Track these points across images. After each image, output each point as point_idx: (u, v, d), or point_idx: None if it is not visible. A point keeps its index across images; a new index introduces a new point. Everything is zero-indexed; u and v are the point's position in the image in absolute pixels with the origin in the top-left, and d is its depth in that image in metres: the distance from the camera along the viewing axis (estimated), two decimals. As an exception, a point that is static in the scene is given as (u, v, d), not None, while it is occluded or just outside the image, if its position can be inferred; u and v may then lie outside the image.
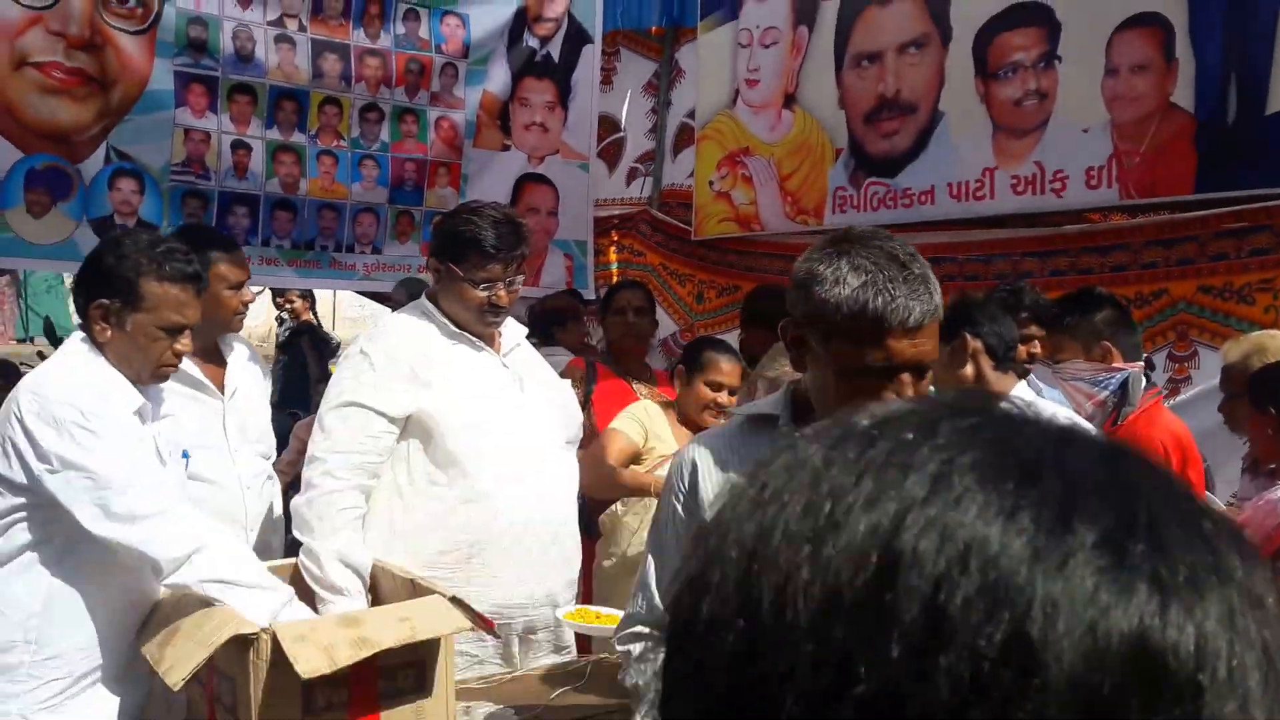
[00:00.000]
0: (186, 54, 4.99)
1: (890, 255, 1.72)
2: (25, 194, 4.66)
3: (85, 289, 2.72)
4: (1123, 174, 4.24)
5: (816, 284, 1.73)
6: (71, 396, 2.58)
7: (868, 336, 1.70)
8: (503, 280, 3.11)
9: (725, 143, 6.07)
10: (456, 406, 3.06)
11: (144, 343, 2.68)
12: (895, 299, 1.68)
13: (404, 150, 5.70)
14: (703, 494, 1.90)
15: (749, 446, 1.92)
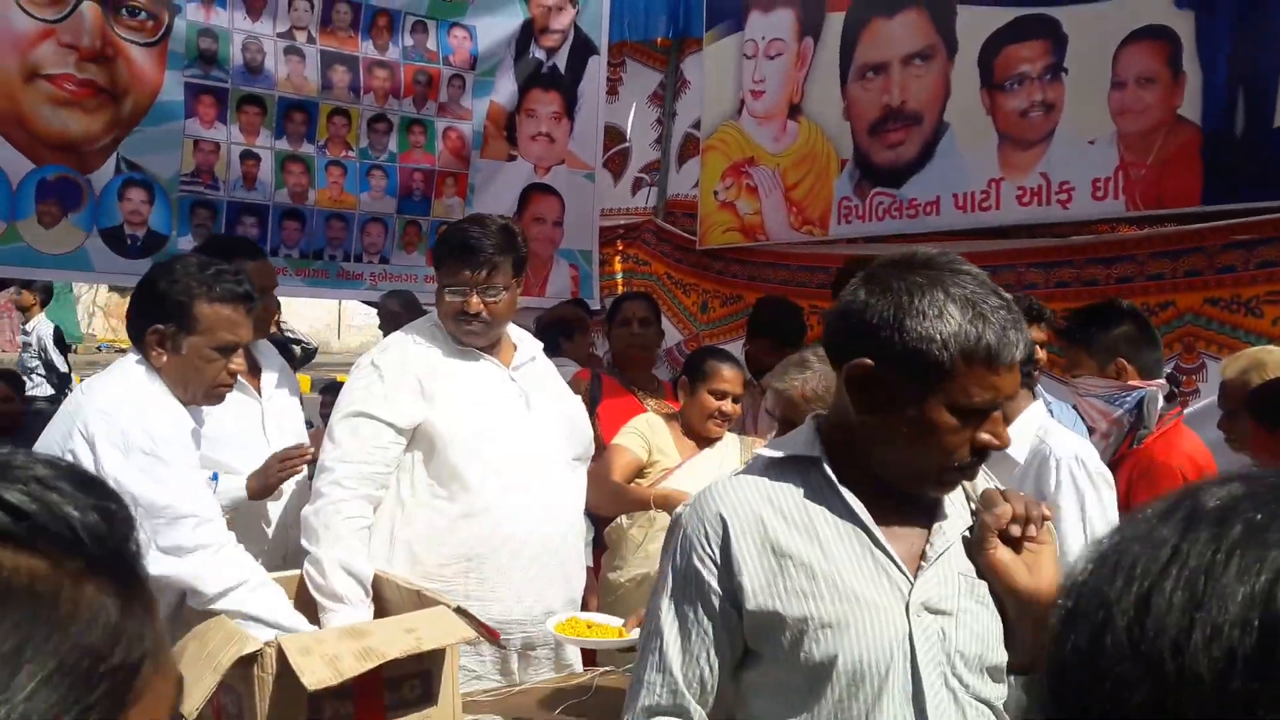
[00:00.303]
0: (197, 65, 5.02)
1: (983, 282, 1.58)
2: (36, 204, 4.68)
3: (140, 315, 2.76)
4: (1129, 186, 4.24)
5: (911, 318, 1.53)
6: (144, 421, 2.62)
7: (976, 374, 1.54)
8: (472, 286, 3.09)
9: (730, 153, 6.08)
10: (458, 420, 3.06)
11: (200, 364, 2.73)
12: (1006, 331, 1.53)
13: (412, 160, 5.73)
14: (739, 556, 1.63)
15: (786, 495, 1.67)
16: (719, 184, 6.14)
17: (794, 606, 1.60)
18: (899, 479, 1.65)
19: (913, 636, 1.60)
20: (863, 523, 1.63)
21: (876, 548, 1.63)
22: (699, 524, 1.69)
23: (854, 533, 1.63)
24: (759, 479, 1.71)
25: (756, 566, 1.62)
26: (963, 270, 1.58)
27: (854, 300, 1.61)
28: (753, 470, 1.74)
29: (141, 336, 2.75)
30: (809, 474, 1.69)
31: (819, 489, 1.66)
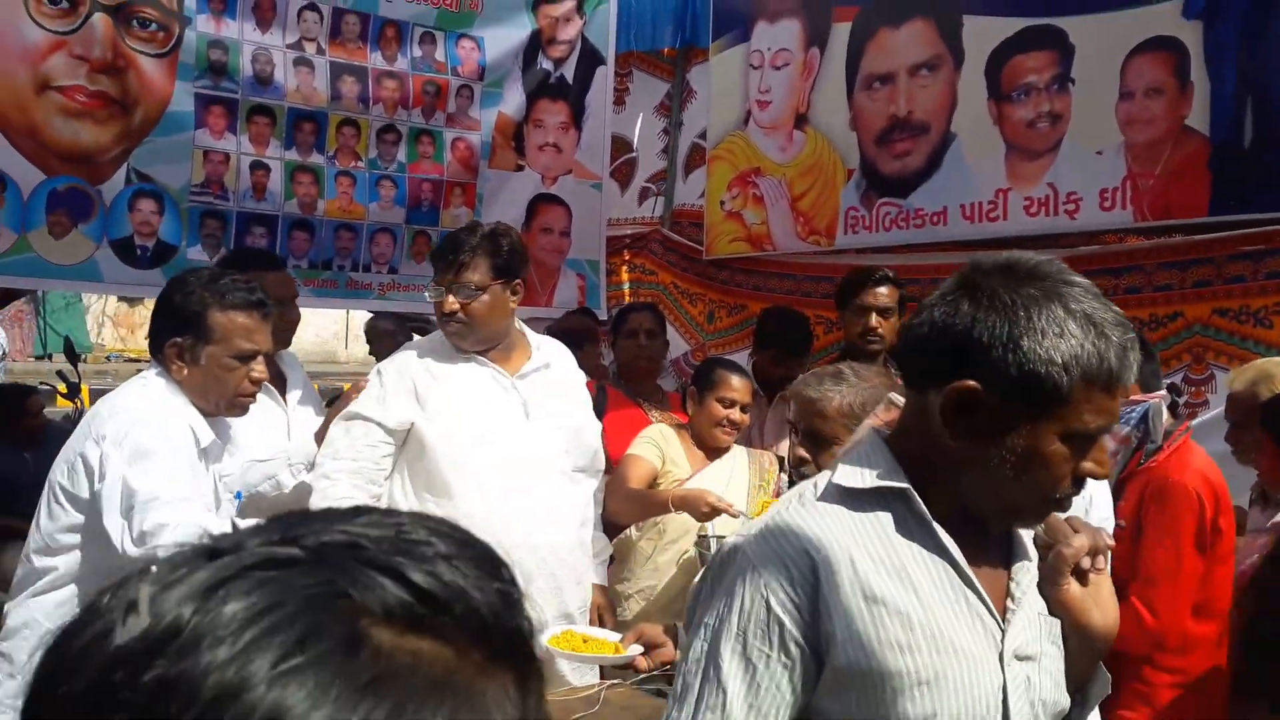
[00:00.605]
0: (207, 76, 5.03)
1: (1096, 294, 1.42)
2: (47, 215, 4.69)
3: (159, 330, 2.79)
4: (1137, 196, 4.25)
5: (1029, 337, 1.36)
6: (155, 426, 2.65)
7: (1096, 398, 1.38)
8: (446, 286, 3.18)
9: (737, 163, 6.10)
10: (446, 425, 3.12)
11: (219, 373, 2.75)
12: (1126, 352, 1.39)
13: (421, 171, 5.74)
14: (829, 600, 1.43)
15: (871, 531, 1.48)
16: (725, 194, 6.15)
17: (890, 660, 1.41)
18: (991, 513, 1.50)
19: (1006, 688, 1.47)
20: (956, 563, 1.48)
21: (970, 590, 1.48)
22: (777, 561, 1.45)
23: (946, 574, 1.47)
24: (840, 510, 1.50)
25: (848, 613, 1.43)
26: (1075, 281, 1.42)
27: (955, 314, 1.43)
28: (829, 499, 1.52)
29: (159, 354, 2.77)
30: (894, 506, 1.49)
31: (906, 524, 1.49)
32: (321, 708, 0.55)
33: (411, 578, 0.62)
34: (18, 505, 5.54)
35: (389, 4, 5.53)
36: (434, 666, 0.60)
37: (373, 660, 0.58)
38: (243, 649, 0.56)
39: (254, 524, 0.67)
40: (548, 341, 3.46)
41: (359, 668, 0.57)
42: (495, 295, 3.21)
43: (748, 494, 3.88)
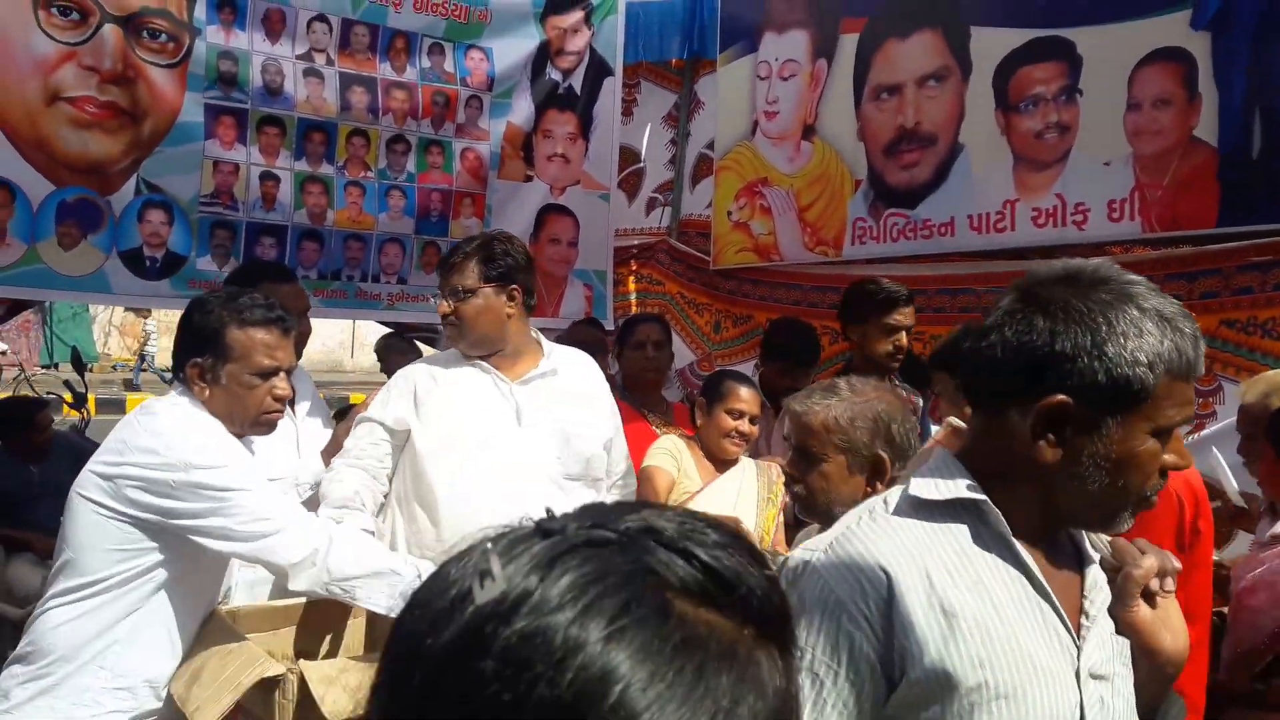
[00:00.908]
0: (217, 87, 5.06)
1: (1156, 290, 1.44)
2: (56, 226, 4.71)
3: (181, 352, 2.79)
4: (1145, 207, 4.25)
5: (1113, 342, 1.38)
6: (193, 431, 2.67)
7: (1178, 390, 1.41)
8: (442, 291, 3.30)
9: (744, 173, 6.10)
10: (438, 430, 3.18)
11: (240, 392, 2.74)
12: (1197, 341, 1.42)
13: (430, 181, 5.75)
14: (906, 615, 1.41)
15: (946, 543, 1.48)
16: (733, 204, 6.16)
17: (969, 674, 1.40)
18: (1089, 519, 1.51)
19: (1083, 706, 1.46)
20: (1034, 577, 1.47)
21: (1047, 604, 1.47)
22: (850, 576, 1.44)
23: (1023, 588, 1.47)
24: (914, 523, 1.50)
25: (924, 628, 1.41)
26: (1135, 280, 1.44)
27: (1030, 330, 1.43)
28: (903, 513, 1.51)
29: (181, 376, 2.78)
30: (968, 520, 1.49)
31: (982, 537, 1.49)
32: (644, 664, 0.67)
33: (702, 558, 0.73)
34: (24, 517, 5.56)
35: (397, 15, 5.55)
36: (723, 636, 0.71)
37: (678, 626, 0.69)
38: (580, 612, 0.69)
39: (569, 510, 0.80)
40: (565, 351, 3.47)
41: (669, 632, 0.69)
42: (487, 299, 3.27)
43: (757, 506, 3.88)
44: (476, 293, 3.25)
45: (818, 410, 2.47)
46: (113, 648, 2.62)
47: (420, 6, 5.62)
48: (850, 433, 2.43)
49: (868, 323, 4.17)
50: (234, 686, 2.36)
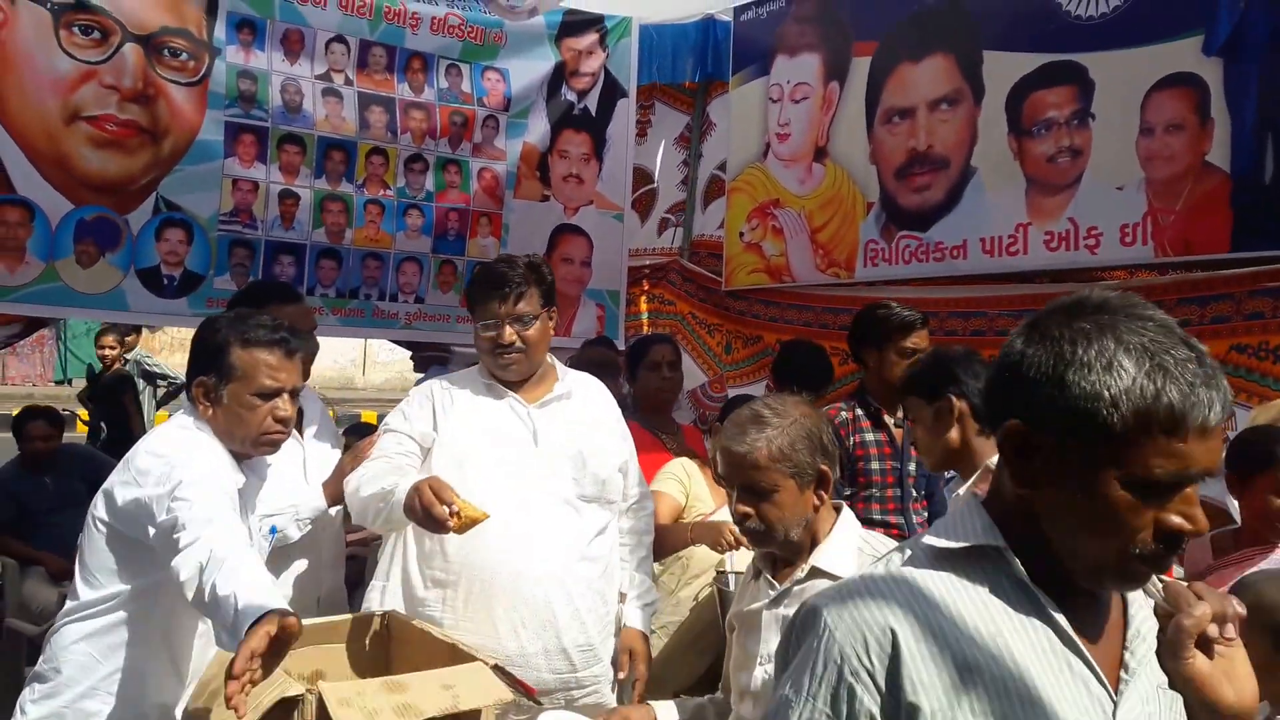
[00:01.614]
0: (237, 105, 5.11)
1: (1169, 329, 1.29)
2: (74, 245, 4.76)
3: (189, 372, 2.81)
4: (1157, 232, 4.26)
5: (1074, 371, 1.28)
6: (177, 445, 2.67)
7: (1157, 440, 1.26)
8: (503, 318, 3.17)
9: (756, 195, 6.13)
10: (447, 449, 3.15)
11: (242, 412, 2.73)
12: (1195, 389, 1.25)
13: (447, 200, 5.79)
14: (912, 673, 1.33)
15: (964, 596, 1.39)
16: (745, 225, 6.18)
17: None
18: (1074, 570, 1.37)
19: None
20: (1060, 628, 1.36)
21: (1075, 656, 1.36)
22: (855, 631, 1.36)
23: (1048, 640, 1.36)
24: (928, 574, 1.40)
25: (935, 685, 1.34)
26: (1142, 314, 1.31)
27: (1009, 351, 1.37)
28: (918, 563, 1.43)
29: (189, 395, 2.80)
30: (988, 569, 1.39)
31: (1002, 587, 1.39)
32: None
33: None
34: (37, 530, 5.60)
35: (415, 37, 5.61)
36: None
37: None
38: None
39: None
40: (577, 375, 3.47)
41: None
42: (544, 323, 3.25)
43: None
44: (539, 318, 3.22)
45: (760, 445, 2.43)
46: (118, 675, 2.62)
47: (437, 28, 5.67)
48: (794, 456, 2.43)
49: (883, 348, 4.15)
50: (254, 706, 2.36)
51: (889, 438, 4.07)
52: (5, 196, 4.62)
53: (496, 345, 3.19)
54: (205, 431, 2.75)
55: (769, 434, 2.44)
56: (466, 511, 2.73)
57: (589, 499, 3.25)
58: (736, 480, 2.49)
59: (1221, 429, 1.29)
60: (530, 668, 3.04)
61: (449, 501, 2.72)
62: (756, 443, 2.44)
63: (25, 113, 4.62)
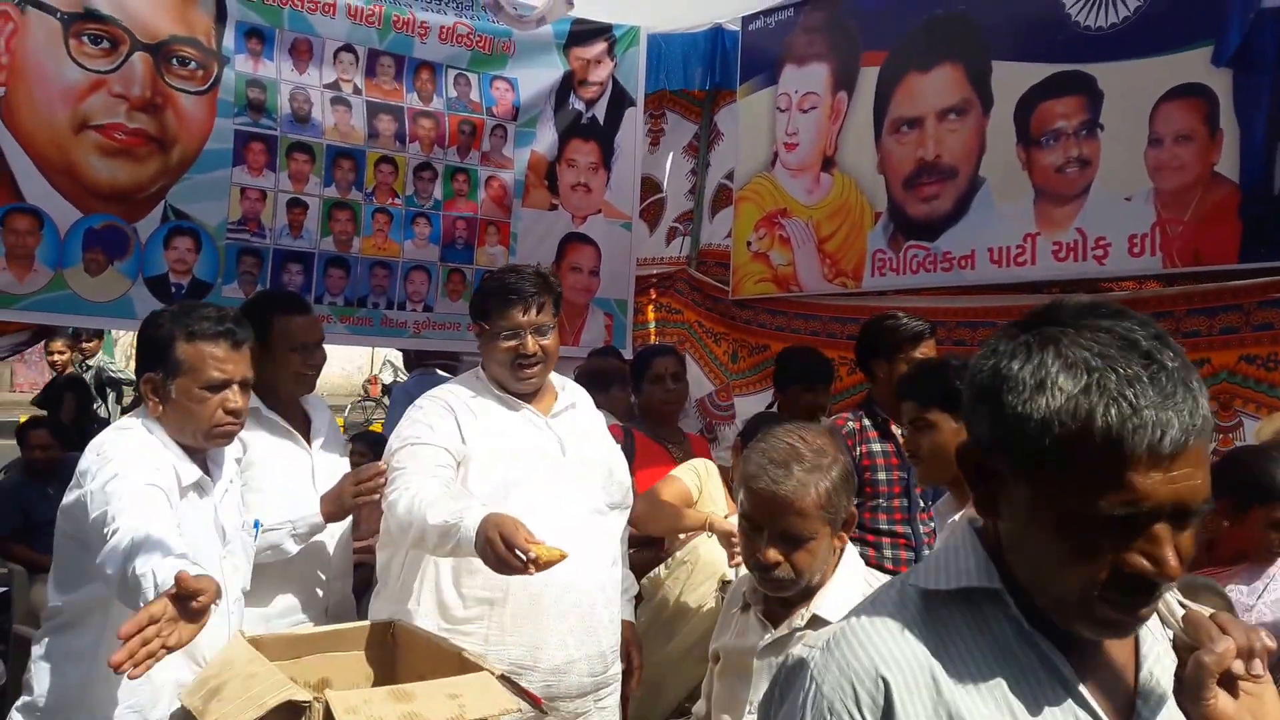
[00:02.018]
0: (246, 114, 5.12)
1: (1126, 340, 1.14)
2: (83, 253, 4.77)
3: (137, 368, 2.80)
4: (1166, 242, 4.24)
5: (1008, 390, 1.16)
6: (111, 443, 2.66)
7: (1096, 470, 1.11)
8: (525, 327, 3.15)
9: (763, 204, 6.12)
10: (487, 466, 3.10)
11: (192, 406, 2.72)
12: (1139, 409, 1.09)
13: (455, 209, 5.81)
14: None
15: (958, 641, 1.25)
16: (752, 234, 6.18)
17: None
18: (1044, 607, 1.23)
19: None
20: (1062, 675, 1.23)
21: (1081, 708, 1.22)
22: (844, 683, 1.24)
23: (1049, 685, 1.23)
24: (919, 619, 1.27)
25: None
26: (1099, 324, 1.17)
27: (973, 365, 1.26)
28: (907, 607, 1.29)
29: (138, 391, 2.79)
30: (984, 610, 1.26)
31: (1000, 628, 1.25)
32: None
33: None
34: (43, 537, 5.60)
35: (423, 46, 5.62)
36: None
37: None
38: None
39: None
40: (572, 384, 3.48)
41: None
42: (556, 332, 3.26)
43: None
44: (554, 328, 3.23)
45: (808, 491, 2.26)
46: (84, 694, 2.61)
47: (445, 37, 5.69)
48: (836, 501, 2.32)
49: (892, 359, 4.14)
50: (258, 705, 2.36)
51: (896, 448, 4.07)
52: (14, 205, 4.63)
53: (519, 356, 3.16)
54: (154, 429, 2.74)
55: (815, 477, 2.28)
56: (544, 556, 2.63)
57: (614, 506, 3.27)
58: (774, 524, 2.30)
59: (1196, 454, 1.12)
60: (574, 674, 3.06)
61: (524, 549, 2.61)
62: (805, 486, 2.27)
63: (35, 121, 4.64)
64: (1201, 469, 1.13)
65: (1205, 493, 1.13)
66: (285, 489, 3.36)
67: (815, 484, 2.28)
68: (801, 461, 2.30)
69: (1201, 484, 1.13)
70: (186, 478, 2.72)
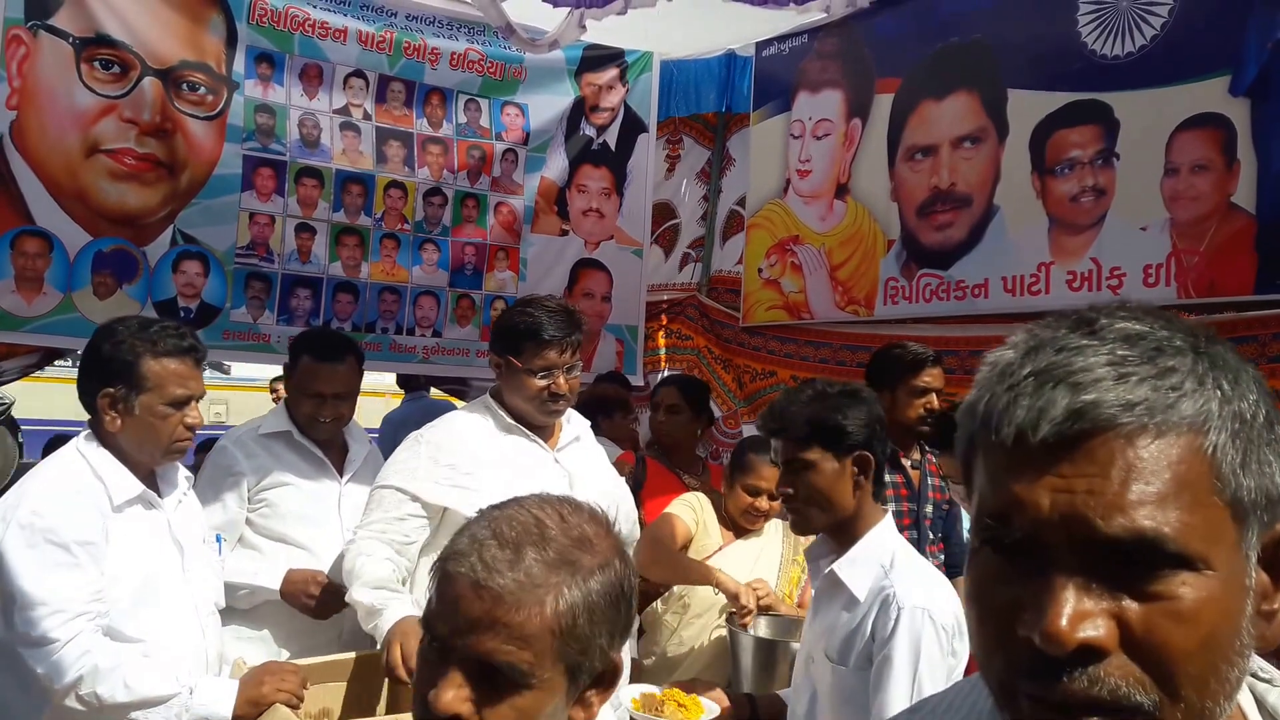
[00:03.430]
0: (255, 139, 5.12)
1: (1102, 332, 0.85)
2: (92, 276, 4.77)
3: (89, 381, 2.74)
4: (1181, 273, 4.20)
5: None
6: (39, 501, 2.61)
7: (981, 476, 0.87)
8: (560, 367, 3.14)
9: (775, 231, 6.09)
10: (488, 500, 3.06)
11: (155, 422, 2.72)
12: (1021, 381, 0.83)
13: (464, 234, 5.80)
14: None
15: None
16: (764, 262, 6.15)
17: None
18: None
19: None
20: None
21: None
22: None
23: None
24: None
25: None
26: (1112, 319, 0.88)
27: None
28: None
29: (93, 403, 2.74)
30: None
31: None
32: None
33: None
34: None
35: (434, 72, 5.62)
36: None
37: None
38: None
39: None
40: (573, 413, 3.45)
41: None
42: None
43: (780, 567, 3.84)
44: (580, 364, 3.25)
45: (536, 592, 1.32)
46: None
47: (456, 63, 5.69)
48: (583, 632, 1.35)
49: (896, 387, 4.11)
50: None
51: (905, 479, 4.02)
52: (25, 228, 4.63)
53: (552, 394, 3.16)
54: (89, 449, 2.72)
55: (559, 580, 1.36)
56: None
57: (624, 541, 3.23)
58: (465, 643, 1.32)
59: (1111, 451, 0.80)
60: None
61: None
62: (534, 589, 1.34)
63: (46, 145, 4.65)
64: (1130, 476, 0.79)
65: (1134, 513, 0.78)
66: (306, 516, 3.39)
67: (555, 591, 1.34)
68: (543, 548, 1.38)
69: (1122, 498, 0.78)
70: (122, 494, 2.70)
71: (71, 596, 2.55)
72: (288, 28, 5.21)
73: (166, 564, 2.78)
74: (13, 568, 2.52)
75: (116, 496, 2.69)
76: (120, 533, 2.68)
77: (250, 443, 3.62)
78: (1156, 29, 4.28)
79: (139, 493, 2.74)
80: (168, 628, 2.74)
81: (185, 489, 2.97)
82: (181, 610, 2.81)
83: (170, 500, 2.87)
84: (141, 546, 2.72)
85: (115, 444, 2.75)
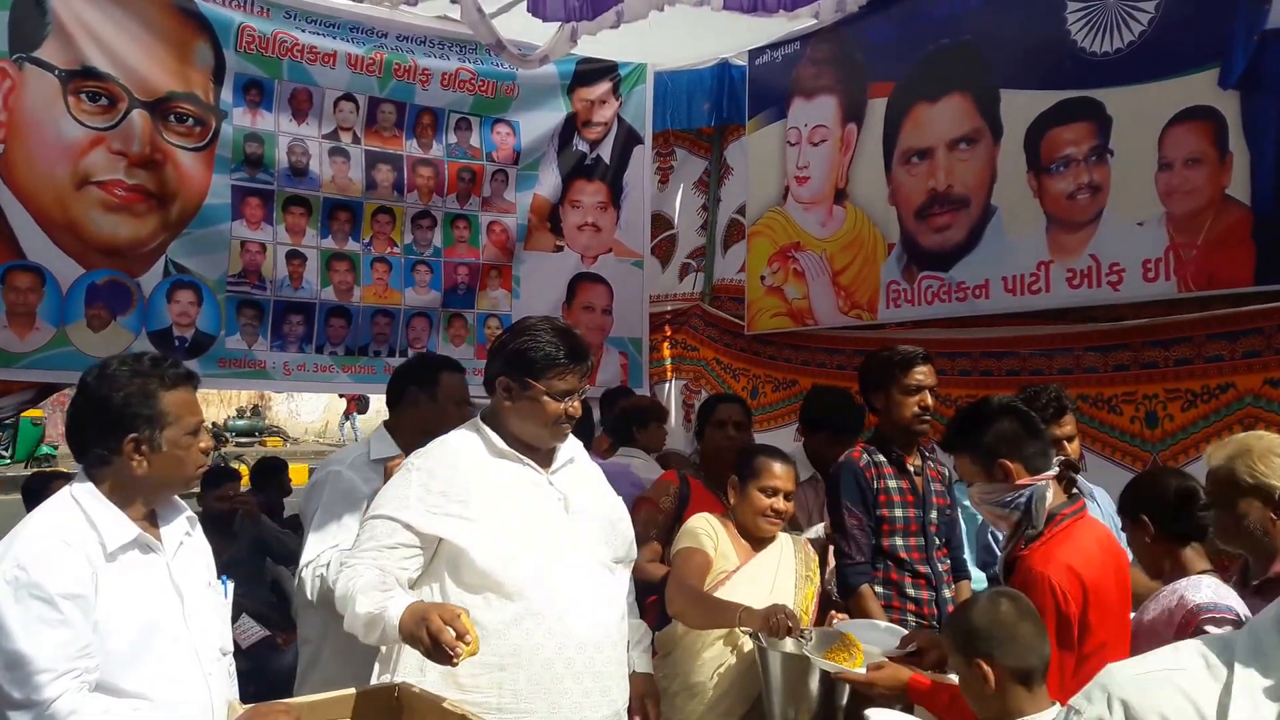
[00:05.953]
0: (243, 169, 5.13)
1: None
2: (85, 309, 4.77)
3: (103, 433, 2.65)
4: (1180, 266, 4.17)
5: None
6: (24, 553, 2.54)
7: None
8: (579, 390, 3.11)
9: (776, 238, 6.07)
10: (490, 531, 3.01)
11: (181, 454, 2.68)
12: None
13: (456, 255, 5.79)
14: None
15: None
16: (766, 269, 6.13)
17: None
18: None
19: None
20: None
21: None
22: None
23: None
24: None
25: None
26: None
27: None
28: None
29: (109, 455, 2.65)
30: None
31: None
32: None
33: None
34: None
35: (425, 92, 5.61)
36: None
37: None
38: None
39: None
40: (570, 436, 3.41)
41: None
42: None
43: (795, 584, 3.79)
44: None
45: None
46: None
47: (448, 83, 5.68)
48: None
49: (889, 388, 4.07)
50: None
51: (911, 485, 3.98)
52: (15, 263, 4.64)
53: (566, 418, 3.12)
54: (84, 496, 2.66)
55: None
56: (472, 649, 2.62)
57: (620, 561, 3.20)
58: None
59: None
60: None
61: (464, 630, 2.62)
62: None
63: (35, 178, 4.65)
64: None
65: None
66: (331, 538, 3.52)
67: None
68: None
69: None
70: (117, 540, 2.64)
71: (56, 655, 2.49)
72: (276, 53, 5.20)
73: (166, 612, 2.72)
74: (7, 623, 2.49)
75: (111, 543, 2.64)
76: (114, 583, 2.63)
77: (364, 467, 3.75)
78: (1144, 24, 4.26)
79: (134, 536, 2.70)
80: (167, 679, 2.68)
81: (187, 529, 2.93)
82: (182, 660, 2.75)
83: (170, 543, 2.83)
84: (138, 595, 2.66)
85: (119, 487, 2.71)
